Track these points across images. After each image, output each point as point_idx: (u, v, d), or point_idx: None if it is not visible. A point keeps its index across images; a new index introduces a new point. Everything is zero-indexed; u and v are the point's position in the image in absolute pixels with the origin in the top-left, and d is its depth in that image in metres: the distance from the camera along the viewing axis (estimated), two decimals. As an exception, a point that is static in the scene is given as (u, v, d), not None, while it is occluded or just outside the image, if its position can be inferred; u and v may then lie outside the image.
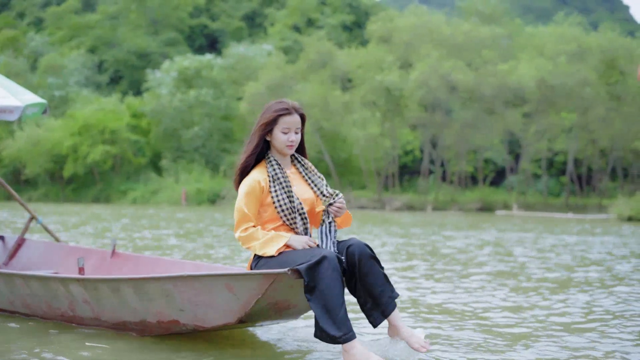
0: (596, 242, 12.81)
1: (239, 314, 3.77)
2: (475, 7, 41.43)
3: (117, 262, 5.66)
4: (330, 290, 3.43)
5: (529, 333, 4.42)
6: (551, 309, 5.36)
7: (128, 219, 20.28)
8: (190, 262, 5.24)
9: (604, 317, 5.02)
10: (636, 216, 23.80)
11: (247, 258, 8.95)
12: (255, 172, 3.85)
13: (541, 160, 39.03)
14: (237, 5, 61.91)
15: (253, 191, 3.78)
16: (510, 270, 8.10)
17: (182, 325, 4.05)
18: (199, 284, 3.83)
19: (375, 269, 3.67)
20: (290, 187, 3.81)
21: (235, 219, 3.79)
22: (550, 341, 4.20)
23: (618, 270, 8.09)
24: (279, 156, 3.91)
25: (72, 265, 5.81)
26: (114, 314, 4.33)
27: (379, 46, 38.09)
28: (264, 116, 3.86)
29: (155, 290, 4.02)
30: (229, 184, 41.88)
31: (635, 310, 5.31)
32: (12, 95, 5.88)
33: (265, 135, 3.87)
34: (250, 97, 38.64)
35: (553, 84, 35.04)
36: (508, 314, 5.15)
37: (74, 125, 44.66)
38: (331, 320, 3.44)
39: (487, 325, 4.69)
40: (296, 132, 3.86)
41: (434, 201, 36.26)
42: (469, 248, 11.17)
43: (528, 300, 5.80)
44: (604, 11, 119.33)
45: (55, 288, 4.55)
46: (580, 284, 6.82)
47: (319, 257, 3.47)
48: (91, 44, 56.81)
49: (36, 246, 6.26)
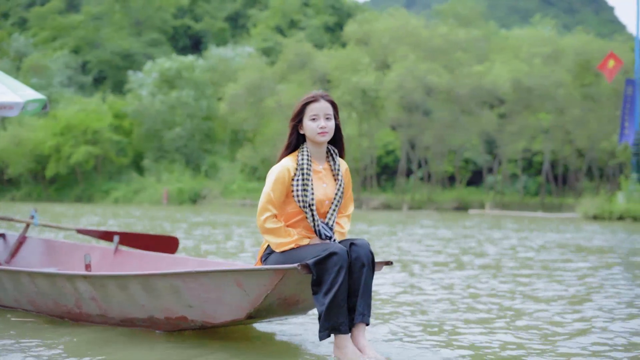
0: (532, 237, 13.33)
1: (248, 309, 3.77)
2: (453, 9, 41.96)
3: (120, 258, 5.63)
4: (335, 285, 3.53)
5: (413, 301, 4.90)
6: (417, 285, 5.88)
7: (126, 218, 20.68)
8: (194, 258, 5.28)
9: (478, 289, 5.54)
10: (600, 215, 24.34)
11: (225, 253, 9.45)
12: (286, 159, 3.86)
13: (518, 160, 39.67)
14: (220, 6, 62.37)
15: (282, 177, 3.78)
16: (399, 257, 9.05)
17: (191, 321, 4.04)
18: (208, 280, 3.82)
19: (369, 281, 3.70)
20: (309, 180, 3.80)
21: (260, 203, 3.79)
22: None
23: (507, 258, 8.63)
24: (314, 148, 3.89)
25: (75, 263, 5.77)
26: (121, 311, 4.30)
27: (357, 48, 38.57)
28: (293, 110, 3.88)
29: (163, 286, 4.00)
30: (210, 184, 42.34)
31: (501, 288, 5.82)
32: (12, 91, 5.84)
33: (297, 128, 3.88)
34: (230, 98, 39.08)
35: (528, 85, 35.67)
36: (391, 288, 5.88)
37: (56, 126, 45.00)
38: (334, 312, 3.54)
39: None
40: (327, 118, 3.82)
41: (410, 201, 36.82)
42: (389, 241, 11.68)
43: (410, 279, 6.36)
44: (590, 12, 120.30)
45: (62, 285, 4.49)
46: (450, 264, 7.34)
47: (328, 252, 3.56)
48: (75, 45, 57.09)
49: (37, 244, 6.21)
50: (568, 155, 39.34)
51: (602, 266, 8.51)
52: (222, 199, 40.17)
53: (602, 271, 7.92)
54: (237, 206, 36.88)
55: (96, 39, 57.08)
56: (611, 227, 18.92)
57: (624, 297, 5.92)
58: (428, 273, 7.47)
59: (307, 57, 38.99)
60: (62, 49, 56.03)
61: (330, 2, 57.91)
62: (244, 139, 43.71)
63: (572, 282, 6.85)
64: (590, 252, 10.57)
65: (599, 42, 38.60)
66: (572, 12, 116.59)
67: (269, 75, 39.38)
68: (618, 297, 5.91)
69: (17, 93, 5.83)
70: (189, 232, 14.49)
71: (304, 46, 39.56)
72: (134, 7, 58.07)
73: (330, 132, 3.82)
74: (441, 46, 37.03)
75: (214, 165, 44.67)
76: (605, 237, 14.35)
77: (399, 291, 6.09)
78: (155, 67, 46.44)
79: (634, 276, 7.55)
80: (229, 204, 38.58)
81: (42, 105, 5.93)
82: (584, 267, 8.36)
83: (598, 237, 14.31)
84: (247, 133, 43.19)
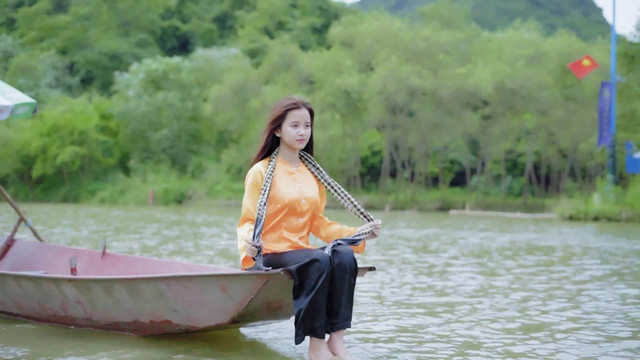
0: (496, 237, 13.63)
1: (232, 314, 3.80)
2: (437, 12, 42.24)
3: (107, 262, 5.63)
4: (315, 289, 3.57)
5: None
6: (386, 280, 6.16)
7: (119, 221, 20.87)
8: (180, 262, 5.33)
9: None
10: (576, 215, 24.69)
11: (187, 253, 9.69)
12: (258, 164, 3.90)
13: (502, 161, 40.03)
14: (208, 7, 62.60)
15: (256, 182, 3.83)
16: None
17: (175, 326, 4.08)
18: (193, 284, 3.85)
19: (352, 288, 3.73)
20: (268, 186, 3.79)
21: (241, 215, 3.86)
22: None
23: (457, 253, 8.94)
24: (288, 153, 3.95)
25: (62, 266, 5.76)
26: (106, 314, 4.33)
27: (341, 50, 38.85)
28: (272, 113, 3.89)
29: (148, 290, 4.02)
30: (195, 184, 42.55)
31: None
32: (1, 94, 5.75)
33: (274, 132, 3.91)
34: (215, 99, 39.31)
35: (511, 87, 36.04)
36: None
37: (43, 126, 45.13)
38: (311, 315, 3.58)
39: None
40: (306, 126, 3.88)
41: (394, 201, 37.12)
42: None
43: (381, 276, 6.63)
44: (578, 14, 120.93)
45: (48, 288, 4.51)
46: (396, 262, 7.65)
47: (310, 259, 3.60)
48: (62, 45, 57.18)
49: (26, 247, 6.18)
50: (551, 156, 39.74)
51: (531, 264, 8.86)
52: (207, 199, 40.41)
53: (519, 269, 8.27)
54: (222, 206, 37.12)
55: (84, 40, 57.20)
56: (582, 227, 19.25)
57: (520, 293, 6.23)
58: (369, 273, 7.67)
59: (292, 59, 39.25)
60: (50, 49, 56.12)
61: (318, 3, 58.23)
62: (230, 139, 43.96)
63: (480, 279, 7.16)
64: (533, 251, 10.90)
65: (580, 44, 39.02)
66: (561, 14, 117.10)
67: (254, 76, 39.62)
68: (517, 291, 6.22)
69: (7, 96, 5.77)
70: (159, 231, 14.72)
71: (288, 48, 39.81)
72: (121, 7, 58.23)
73: (307, 140, 3.90)
74: (424, 48, 37.33)
75: (200, 166, 44.92)
76: (562, 237, 14.66)
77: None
78: (141, 68, 46.64)
79: (549, 273, 7.86)
80: (214, 204, 38.81)
81: (32, 109, 5.86)
82: (513, 265, 8.75)
83: (558, 237, 14.62)
84: (232, 134, 43.43)
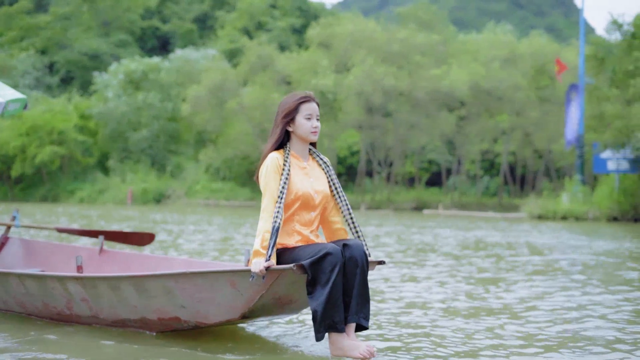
0: (454, 235, 14.05)
1: (243, 309, 3.81)
2: (415, 13, 42.65)
3: (106, 259, 5.60)
4: (330, 284, 3.58)
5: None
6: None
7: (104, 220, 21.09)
8: (179, 258, 5.30)
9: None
10: (545, 215, 25.20)
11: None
12: (274, 152, 3.90)
13: (478, 161, 40.59)
14: (188, 7, 62.70)
15: (276, 167, 3.84)
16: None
17: (184, 322, 4.07)
18: (202, 280, 3.85)
19: (365, 282, 3.75)
20: (288, 178, 3.82)
21: (262, 205, 3.84)
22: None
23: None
24: (299, 147, 3.97)
25: (59, 263, 5.74)
26: (112, 312, 4.31)
27: (319, 51, 39.19)
28: (284, 107, 3.92)
29: (156, 287, 4.02)
30: (174, 184, 42.79)
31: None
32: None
33: (287, 126, 3.94)
34: (192, 99, 39.53)
35: (487, 88, 36.58)
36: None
37: (22, 126, 45.09)
38: (330, 310, 3.60)
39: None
40: (317, 119, 3.95)
41: (370, 201, 37.55)
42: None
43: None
44: (559, 15, 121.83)
45: (52, 287, 4.47)
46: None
47: (323, 253, 3.62)
48: (42, 45, 57.02)
49: (20, 244, 6.10)
50: (527, 157, 40.31)
51: (462, 256, 9.35)
52: (185, 198, 40.66)
53: (453, 261, 8.75)
54: (200, 206, 37.38)
55: (64, 40, 57.09)
56: (545, 226, 19.70)
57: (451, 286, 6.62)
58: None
59: (269, 60, 39.54)
60: (29, 49, 56.01)
61: (297, 4, 58.50)
62: (208, 140, 44.21)
63: (414, 269, 7.56)
64: (480, 246, 11.32)
65: (553, 46, 39.63)
66: (542, 15, 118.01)
67: (232, 77, 39.87)
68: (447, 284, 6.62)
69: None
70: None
71: (265, 48, 40.11)
72: (102, 7, 58.20)
73: (319, 132, 3.97)
74: (399, 50, 37.74)
75: (179, 166, 45.15)
76: (517, 234, 15.12)
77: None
78: (120, 68, 46.78)
79: (479, 268, 8.26)
80: (192, 203, 39.07)
81: (23, 105, 5.66)
82: (442, 262, 9.11)
83: (513, 234, 15.07)
84: (210, 134, 43.68)
